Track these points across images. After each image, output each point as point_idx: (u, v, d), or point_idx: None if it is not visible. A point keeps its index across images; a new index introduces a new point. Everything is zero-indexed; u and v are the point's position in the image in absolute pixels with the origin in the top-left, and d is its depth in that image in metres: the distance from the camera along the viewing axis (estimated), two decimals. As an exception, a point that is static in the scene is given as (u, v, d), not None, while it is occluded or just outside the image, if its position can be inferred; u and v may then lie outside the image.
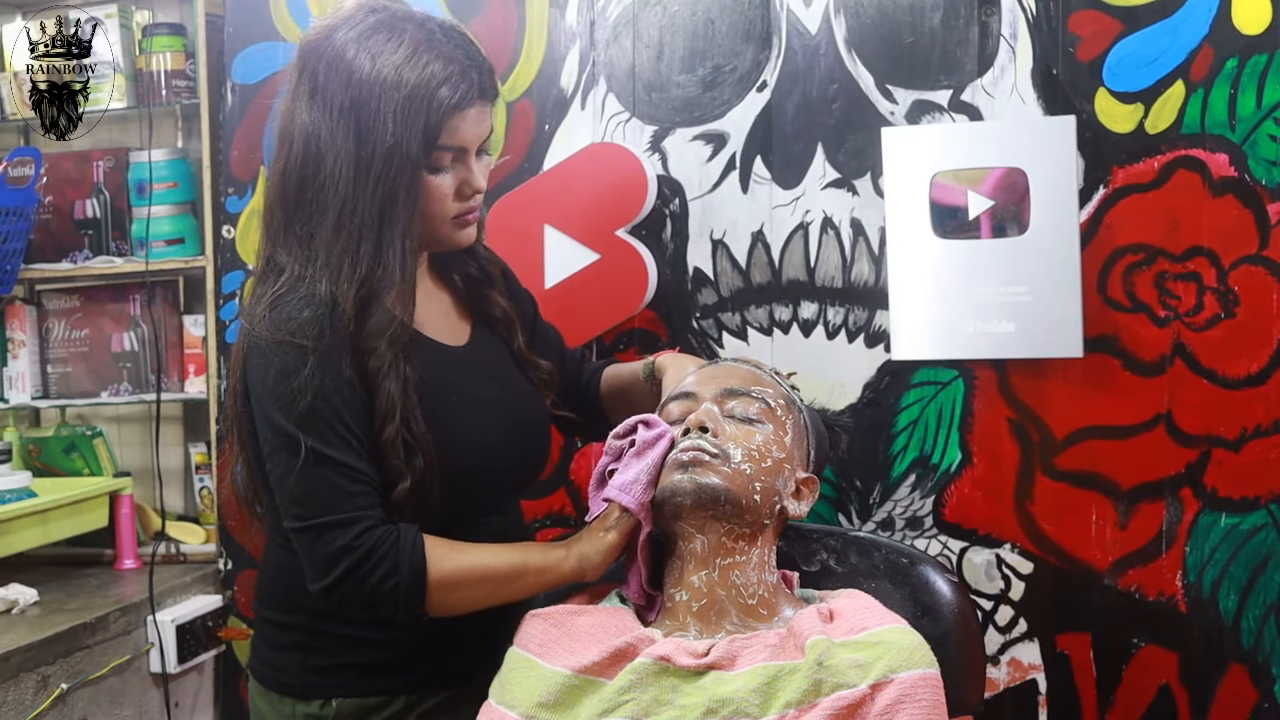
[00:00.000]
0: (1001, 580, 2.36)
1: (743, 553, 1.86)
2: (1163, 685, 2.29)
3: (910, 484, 2.40)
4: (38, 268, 3.22)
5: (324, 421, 1.76)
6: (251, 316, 1.82)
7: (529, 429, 2.05)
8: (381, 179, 1.78)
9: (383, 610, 1.81)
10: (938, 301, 2.31)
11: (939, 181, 2.30)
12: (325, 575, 1.77)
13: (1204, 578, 2.26)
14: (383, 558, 1.76)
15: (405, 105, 1.77)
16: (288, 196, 1.84)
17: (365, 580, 1.76)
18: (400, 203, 1.80)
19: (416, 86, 1.77)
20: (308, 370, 1.75)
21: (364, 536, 1.76)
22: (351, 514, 1.77)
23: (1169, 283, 2.24)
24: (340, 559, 1.76)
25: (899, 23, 2.37)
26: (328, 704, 1.93)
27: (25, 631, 2.63)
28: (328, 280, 1.79)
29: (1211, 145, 2.21)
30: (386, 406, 1.80)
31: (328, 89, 1.79)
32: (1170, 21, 2.22)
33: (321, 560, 1.77)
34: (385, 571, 1.76)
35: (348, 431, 1.78)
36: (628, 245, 2.49)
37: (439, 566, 1.79)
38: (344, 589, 1.77)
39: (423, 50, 1.80)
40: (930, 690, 1.68)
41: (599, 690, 1.77)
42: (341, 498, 1.77)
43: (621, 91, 2.54)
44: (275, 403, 1.77)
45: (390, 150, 1.77)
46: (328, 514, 1.77)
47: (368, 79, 1.77)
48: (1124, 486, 2.29)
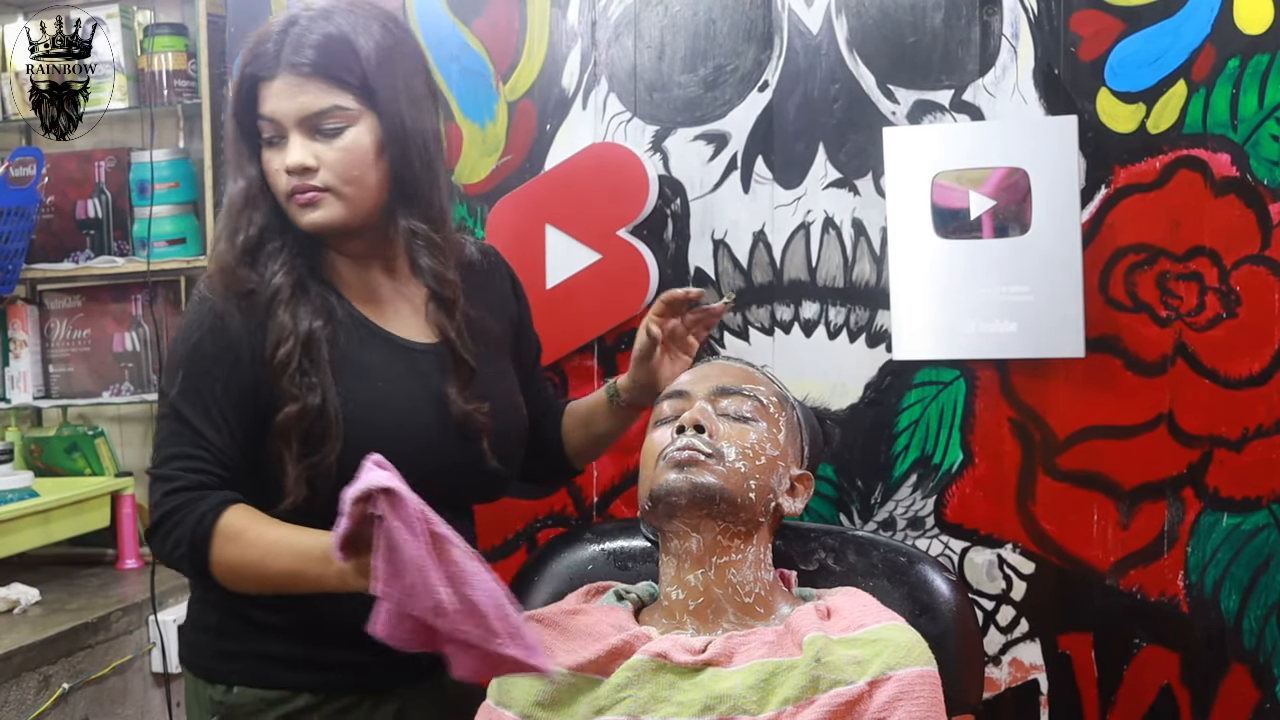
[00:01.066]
0: (1003, 580, 2.35)
1: (738, 551, 1.86)
2: (1164, 685, 2.29)
3: (911, 484, 2.40)
4: (39, 268, 3.23)
5: (191, 379, 1.86)
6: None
7: (460, 441, 1.99)
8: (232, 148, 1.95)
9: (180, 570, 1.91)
10: (939, 301, 2.31)
11: (940, 181, 2.30)
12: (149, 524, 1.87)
13: (1206, 578, 2.25)
14: (178, 522, 1.80)
15: (237, 82, 1.94)
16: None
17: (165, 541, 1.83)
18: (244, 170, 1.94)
19: (241, 62, 1.93)
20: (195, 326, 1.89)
21: (168, 498, 1.82)
22: (169, 471, 1.83)
23: (1171, 283, 2.24)
24: (153, 512, 1.84)
25: (900, 22, 2.36)
26: (230, 690, 1.94)
27: (27, 631, 2.63)
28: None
29: (1213, 145, 2.21)
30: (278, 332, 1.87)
31: None
32: (1172, 21, 2.21)
33: (150, 507, 1.87)
34: (176, 538, 1.81)
35: (211, 397, 1.85)
36: (629, 245, 2.49)
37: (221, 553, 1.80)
38: (152, 545, 1.87)
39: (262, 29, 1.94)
40: (928, 687, 1.69)
41: (596, 688, 1.77)
42: (171, 457, 1.84)
43: (623, 91, 2.54)
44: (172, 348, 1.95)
45: (232, 120, 1.94)
46: (156, 467, 1.86)
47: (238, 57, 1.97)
48: (1125, 486, 2.28)
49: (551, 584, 2.12)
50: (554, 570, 2.16)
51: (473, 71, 2.63)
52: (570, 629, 1.88)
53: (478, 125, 2.63)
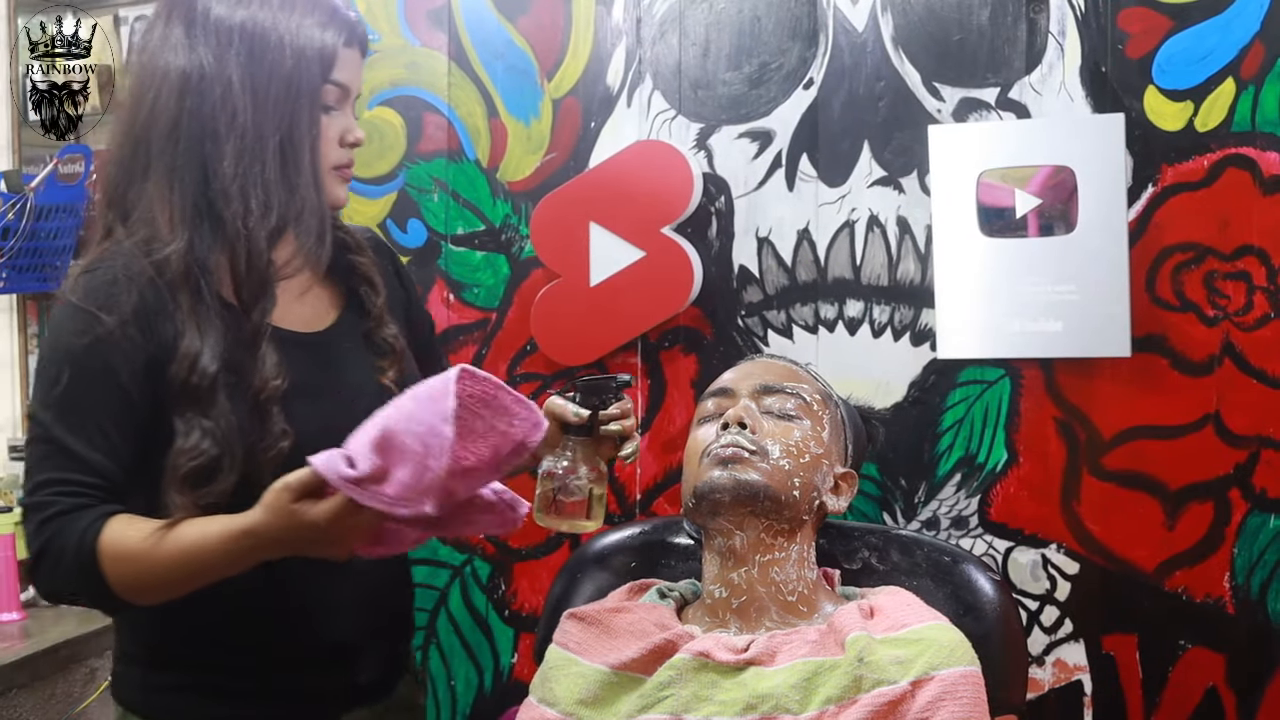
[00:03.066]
0: (1047, 580, 2.34)
1: (782, 549, 1.86)
2: (1210, 687, 2.27)
3: (956, 483, 2.39)
4: (87, 264, 3.24)
5: (67, 399, 1.64)
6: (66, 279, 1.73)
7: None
8: (281, 107, 1.73)
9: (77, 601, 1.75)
10: (984, 300, 2.30)
11: (986, 180, 2.29)
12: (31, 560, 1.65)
13: (1252, 579, 2.24)
14: (61, 550, 1.61)
15: (298, 35, 1.74)
16: (153, 141, 1.73)
17: (51, 570, 1.63)
18: (303, 134, 1.75)
19: (301, 20, 1.75)
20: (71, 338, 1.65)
21: (44, 526, 1.61)
22: (42, 499, 1.63)
23: (1218, 282, 2.22)
24: (29, 548, 1.64)
25: (946, 20, 2.35)
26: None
27: (74, 624, 2.65)
28: (208, 227, 1.70)
29: (1262, 143, 2.19)
30: (271, 361, 1.71)
31: (208, 25, 1.73)
32: (1221, 18, 2.20)
33: (28, 544, 1.65)
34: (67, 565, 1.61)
35: (89, 417, 1.64)
36: (673, 243, 2.49)
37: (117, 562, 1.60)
38: (36, 582, 1.67)
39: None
40: (971, 688, 1.68)
41: (639, 686, 1.78)
42: (42, 484, 1.63)
43: (667, 89, 2.54)
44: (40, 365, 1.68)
45: (289, 76, 1.73)
46: (30, 495, 1.64)
47: (256, 12, 1.73)
48: (1172, 487, 2.27)
49: (595, 581, 2.12)
50: (597, 567, 2.16)
51: (518, 69, 2.63)
52: (613, 627, 1.88)
53: (522, 123, 2.64)
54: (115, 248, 1.71)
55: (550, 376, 2.62)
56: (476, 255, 2.68)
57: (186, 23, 1.73)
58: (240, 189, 1.70)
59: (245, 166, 1.70)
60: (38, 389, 1.67)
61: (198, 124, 1.70)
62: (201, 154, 1.70)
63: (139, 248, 1.70)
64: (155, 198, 1.71)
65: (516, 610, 2.67)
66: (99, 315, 1.64)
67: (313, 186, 1.76)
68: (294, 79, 1.73)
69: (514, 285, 2.65)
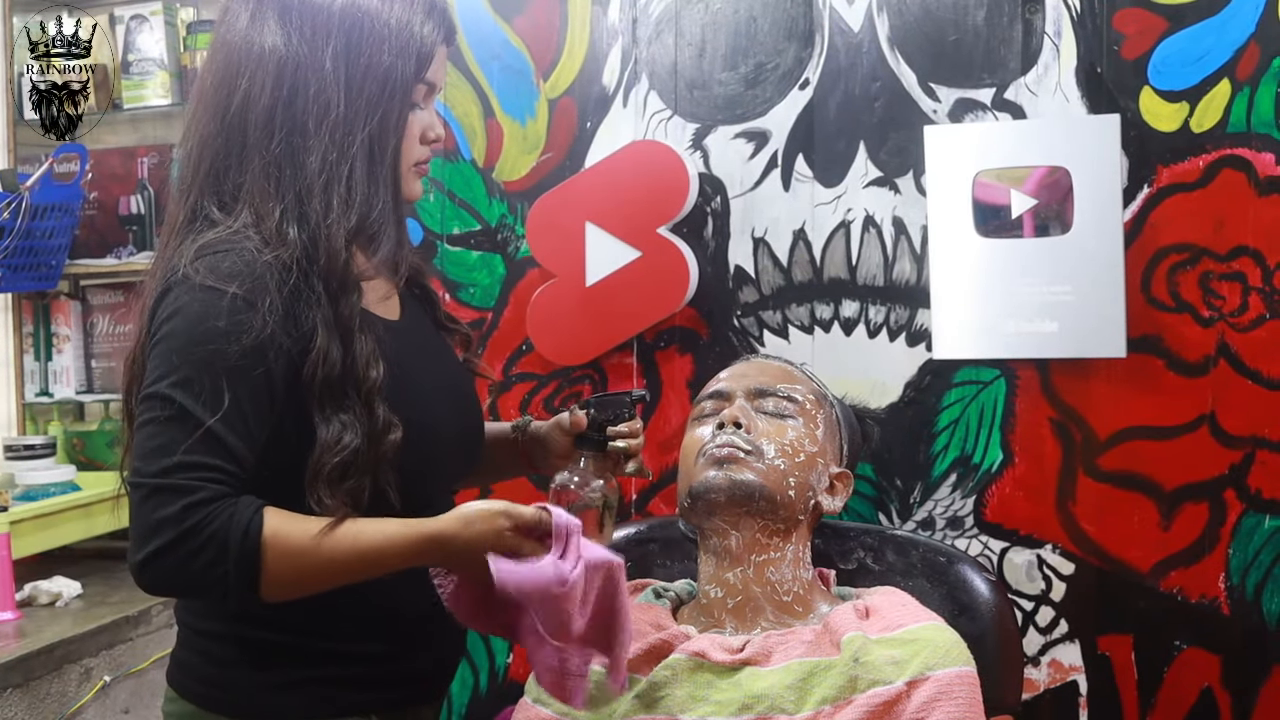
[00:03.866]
0: (1042, 581, 2.34)
1: (777, 549, 1.86)
2: (1205, 688, 2.27)
3: (951, 483, 2.39)
4: (82, 263, 3.24)
5: (210, 380, 1.54)
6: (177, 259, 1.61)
7: (465, 404, 1.89)
8: (374, 103, 1.68)
9: (199, 596, 1.67)
10: (980, 300, 2.30)
11: (982, 180, 2.29)
12: (139, 547, 1.53)
13: (1247, 580, 2.24)
14: (209, 542, 1.51)
15: (399, 30, 1.69)
16: (249, 129, 1.66)
17: (185, 565, 1.52)
18: (391, 130, 1.70)
19: (404, 13, 1.70)
20: (208, 316, 1.55)
21: (191, 513, 1.51)
22: (182, 482, 1.52)
23: (1213, 283, 2.22)
24: (158, 533, 1.51)
25: (942, 20, 2.36)
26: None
27: (69, 624, 2.64)
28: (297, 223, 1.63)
29: (1257, 144, 2.19)
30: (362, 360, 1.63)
31: (304, 12, 1.67)
32: (1216, 20, 2.20)
33: (139, 529, 1.53)
34: (210, 559, 1.51)
35: (233, 403, 1.55)
36: (669, 243, 2.49)
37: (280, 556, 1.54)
38: (159, 568, 1.53)
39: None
40: (966, 688, 1.68)
41: (634, 686, 1.77)
42: (186, 466, 1.52)
43: (663, 89, 2.54)
44: (171, 344, 1.56)
45: (386, 73, 1.68)
46: (156, 477, 1.52)
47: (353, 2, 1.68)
48: (1167, 488, 2.27)
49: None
50: (592, 567, 2.16)
51: (513, 69, 2.63)
52: (609, 626, 1.88)
53: (518, 122, 2.64)
54: (230, 234, 1.62)
55: (545, 376, 2.62)
56: (472, 255, 2.68)
57: (279, 9, 1.68)
58: (325, 185, 1.65)
59: (333, 163, 1.65)
60: (167, 368, 1.55)
61: (291, 115, 1.65)
62: (292, 146, 1.65)
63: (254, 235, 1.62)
64: (256, 188, 1.65)
65: (512, 610, 2.67)
66: (241, 296, 1.57)
67: (392, 186, 1.72)
68: (390, 76, 1.69)
69: (510, 285, 2.65)
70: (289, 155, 1.65)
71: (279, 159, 1.65)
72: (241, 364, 1.55)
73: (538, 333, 2.58)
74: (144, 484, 1.53)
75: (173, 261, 1.62)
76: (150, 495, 1.52)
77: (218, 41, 1.72)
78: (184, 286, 1.58)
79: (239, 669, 1.72)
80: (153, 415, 1.55)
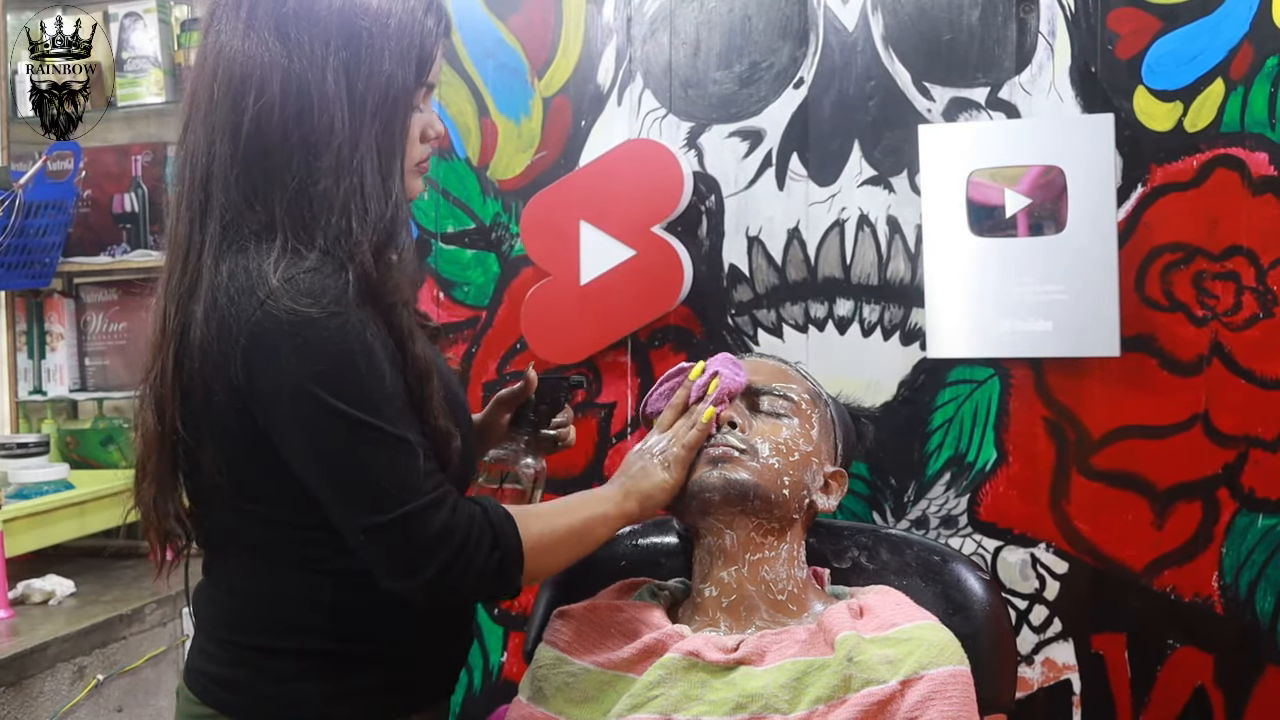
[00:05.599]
0: (1036, 580, 2.35)
1: (772, 548, 1.86)
2: (1198, 687, 2.28)
3: (945, 482, 2.39)
4: (76, 261, 3.24)
5: (384, 398, 1.56)
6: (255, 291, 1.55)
7: (465, 402, 1.90)
8: (378, 113, 1.63)
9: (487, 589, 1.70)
10: (974, 300, 2.30)
11: (976, 179, 2.29)
12: (423, 568, 1.57)
13: (1240, 579, 2.24)
14: (481, 533, 1.60)
15: (399, 34, 1.64)
16: (269, 147, 1.60)
17: (471, 562, 1.58)
18: (396, 138, 1.66)
19: (404, 14, 1.65)
20: (359, 343, 1.55)
21: (457, 515, 1.58)
22: (436, 494, 1.58)
23: (1207, 282, 2.23)
24: (441, 544, 1.56)
25: (937, 20, 2.36)
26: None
27: (62, 622, 2.65)
28: (333, 236, 1.59)
29: (1251, 144, 2.20)
30: (422, 365, 1.63)
31: (299, 21, 1.61)
32: (1210, 19, 2.20)
33: (417, 552, 1.57)
34: (488, 548, 1.60)
35: (407, 408, 1.59)
36: (663, 242, 2.49)
37: (528, 533, 1.65)
38: (452, 576, 1.57)
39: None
40: (960, 687, 1.68)
41: (628, 686, 1.78)
42: (421, 478, 1.57)
43: (658, 88, 2.54)
44: (326, 384, 1.53)
45: (388, 81, 1.63)
46: (413, 499, 1.56)
47: (350, 6, 1.62)
48: (1160, 487, 2.27)
49: (585, 580, 2.12)
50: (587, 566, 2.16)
51: (508, 67, 2.63)
52: (603, 626, 1.89)
53: (513, 121, 2.64)
54: (296, 260, 1.57)
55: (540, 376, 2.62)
56: (466, 254, 2.68)
57: (274, 19, 1.62)
58: (343, 205, 1.60)
59: (345, 180, 1.60)
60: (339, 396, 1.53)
61: (301, 135, 1.60)
62: (308, 167, 1.60)
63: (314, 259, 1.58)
64: (287, 216, 1.60)
65: (506, 609, 2.67)
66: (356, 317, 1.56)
67: (400, 192, 1.67)
68: (392, 85, 1.65)
69: (504, 284, 2.65)
70: (306, 176, 1.60)
71: (301, 184, 1.60)
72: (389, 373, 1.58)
73: (532, 331, 2.58)
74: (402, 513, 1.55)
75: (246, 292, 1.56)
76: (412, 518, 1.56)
77: (211, 47, 1.65)
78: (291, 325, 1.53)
79: (309, 682, 1.71)
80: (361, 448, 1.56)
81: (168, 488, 1.72)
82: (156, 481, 1.71)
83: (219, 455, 1.64)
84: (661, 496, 1.84)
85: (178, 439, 1.66)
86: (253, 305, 1.55)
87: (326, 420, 1.54)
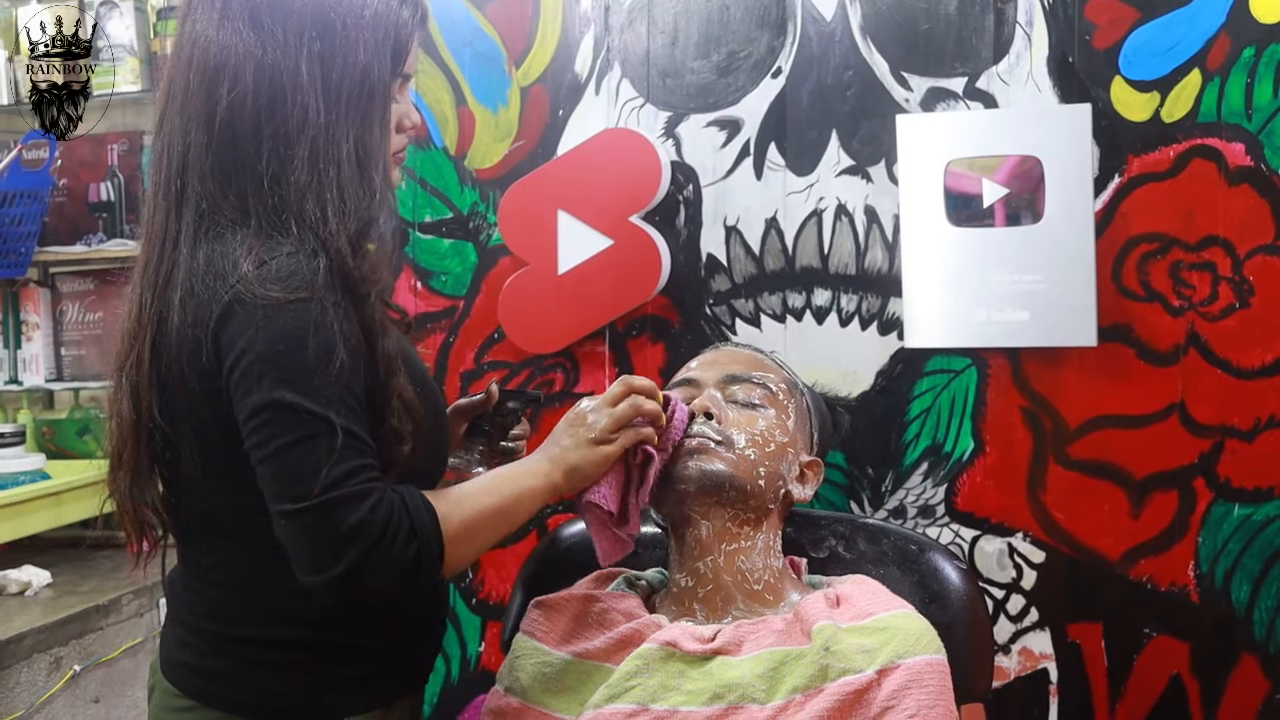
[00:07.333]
0: (1013, 569, 2.35)
1: (748, 538, 1.86)
2: (1174, 675, 2.29)
3: (922, 472, 2.39)
4: (52, 250, 3.23)
5: (324, 383, 1.52)
6: (228, 276, 1.56)
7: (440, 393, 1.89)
8: (355, 104, 1.62)
9: (403, 584, 1.58)
10: (951, 289, 2.30)
11: (953, 169, 2.29)
12: (336, 561, 1.51)
13: (1216, 568, 2.25)
14: (399, 526, 1.54)
15: (374, 24, 1.64)
16: (241, 136, 1.60)
17: (386, 555, 1.53)
18: (375, 130, 1.65)
19: (379, 5, 1.65)
20: (316, 329, 1.53)
21: (376, 512, 1.52)
22: (361, 488, 1.52)
23: (1184, 272, 2.23)
24: (355, 538, 1.51)
25: (914, 9, 2.36)
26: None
27: (38, 613, 2.64)
28: (308, 225, 1.58)
29: (1227, 134, 2.20)
30: (388, 362, 1.61)
31: (274, 12, 1.61)
32: (1187, 10, 2.21)
33: (330, 544, 1.51)
34: (404, 539, 1.54)
35: (354, 399, 1.56)
36: (641, 231, 2.48)
37: (448, 521, 1.60)
38: (364, 571, 1.52)
39: None
40: (937, 675, 1.68)
41: (605, 676, 1.77)
42: (350, 472, 1.52)
43: (636, 77, 2.54)
44: (273, 365, 1.52)
45: (363, 72, 1.63)
46: (334, 489, 1.51)
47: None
48: (1137, 476, 2.28)
49: (562, 570, 2.12)
50: (564, 556, 2.16)
51: (486, 56, 2.63)
52: (580, 616, 1.88)
53: (490, 110, 2.63)
54: (273, 244, 1.57)
55: (518, 364, 2.62)
56: (444, 243, 2.67)
57: (249, 9, 1.62)
58: (317, 195, 1.60)
59: (320, 171, 1.60)
60: (285, 383, 1.52)
61: (273, 125, 1.60)
62: (280, 157, 1.60)
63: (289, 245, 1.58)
64: (261, 204, 1.60)
65: (484, 599, 2.67)
66: (321, 301, 1.54)
67: (380, 183, 1.66)
68: (368, 76, 1.64)
69: (481, 273, 2.65)
70: (279, 167, 1.60)
71: (275, 174, 1.60)
72: (345, 362, 1.54)
73: (510, 321, 2.58)
74: (318, 500, 1.51)
75: (220, 277, 1.57)
76: (329, 509, 1.51)
77: (187, 37, 1.65)
78: (259, 307, 1.53)
79: (293, 671, 1.70)
80: (293, 433, 1.52)
81: (143, 477, 1.71)
82: (132, 471, 1.71)
83: (196, 444, 1.63)
84: (590, 470, 1.77)
85: (154, 427, 1.65)
86: (224, 289, 1.55)
87: (264, 399, 1.52)
